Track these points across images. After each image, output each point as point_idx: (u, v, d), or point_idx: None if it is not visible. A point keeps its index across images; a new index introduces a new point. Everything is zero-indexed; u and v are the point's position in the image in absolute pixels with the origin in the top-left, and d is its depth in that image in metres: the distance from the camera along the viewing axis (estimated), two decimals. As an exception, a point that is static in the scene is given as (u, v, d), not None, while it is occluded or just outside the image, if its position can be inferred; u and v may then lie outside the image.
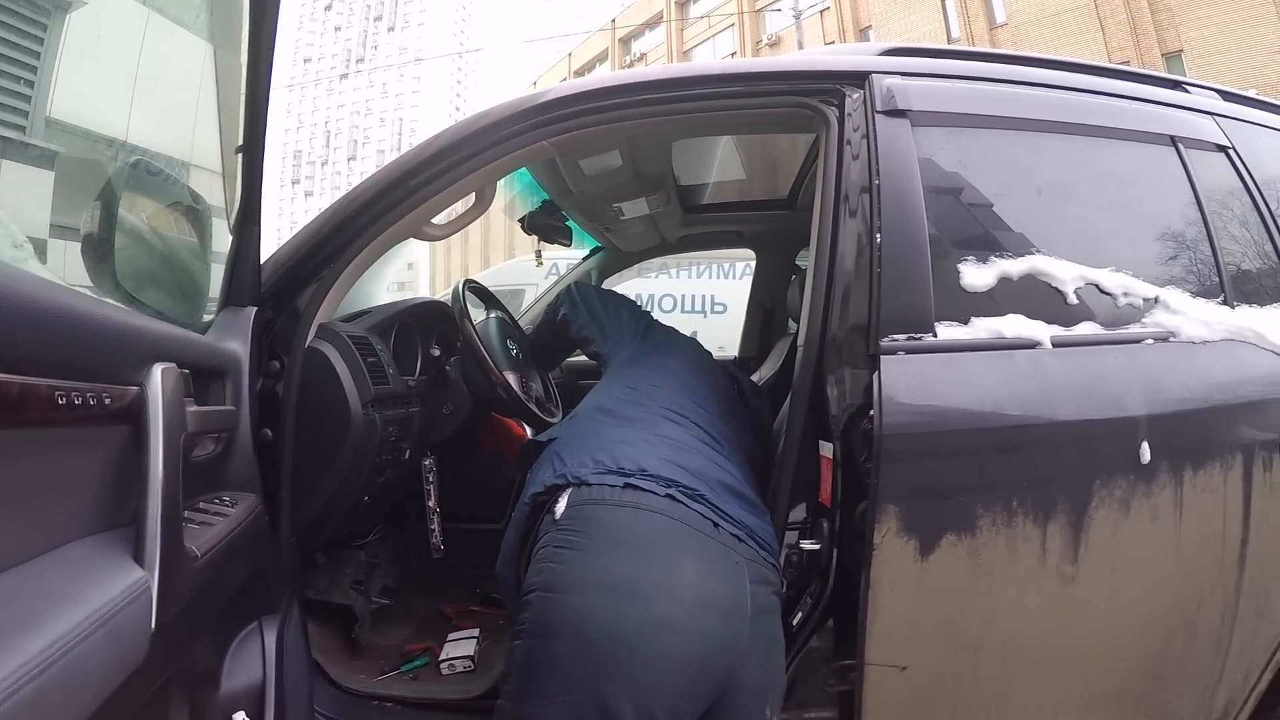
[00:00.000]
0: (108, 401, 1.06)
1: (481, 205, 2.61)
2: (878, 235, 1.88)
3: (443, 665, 2.55)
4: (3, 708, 0.74)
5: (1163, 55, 20.90)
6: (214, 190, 1.97)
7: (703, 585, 1.56)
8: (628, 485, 1.64)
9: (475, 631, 2.72)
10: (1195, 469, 1.89)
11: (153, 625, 1.08)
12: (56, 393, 0.93)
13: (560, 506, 1.64)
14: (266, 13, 1.66)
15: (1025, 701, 1.92)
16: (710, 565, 1.60)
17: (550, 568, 1.56)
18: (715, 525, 1.64)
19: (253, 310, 1.90)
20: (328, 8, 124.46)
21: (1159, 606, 1.93)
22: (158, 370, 1.19)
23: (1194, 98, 2.43)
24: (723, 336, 4.43)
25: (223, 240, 1.94)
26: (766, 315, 4.46)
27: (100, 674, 0.96)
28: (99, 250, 1.51)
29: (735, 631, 1.57)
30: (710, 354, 2.46)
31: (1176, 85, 2.50)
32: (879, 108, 2.01)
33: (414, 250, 3.27)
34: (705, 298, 8.19)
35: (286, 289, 2.09)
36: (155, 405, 1.16)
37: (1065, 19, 22.30)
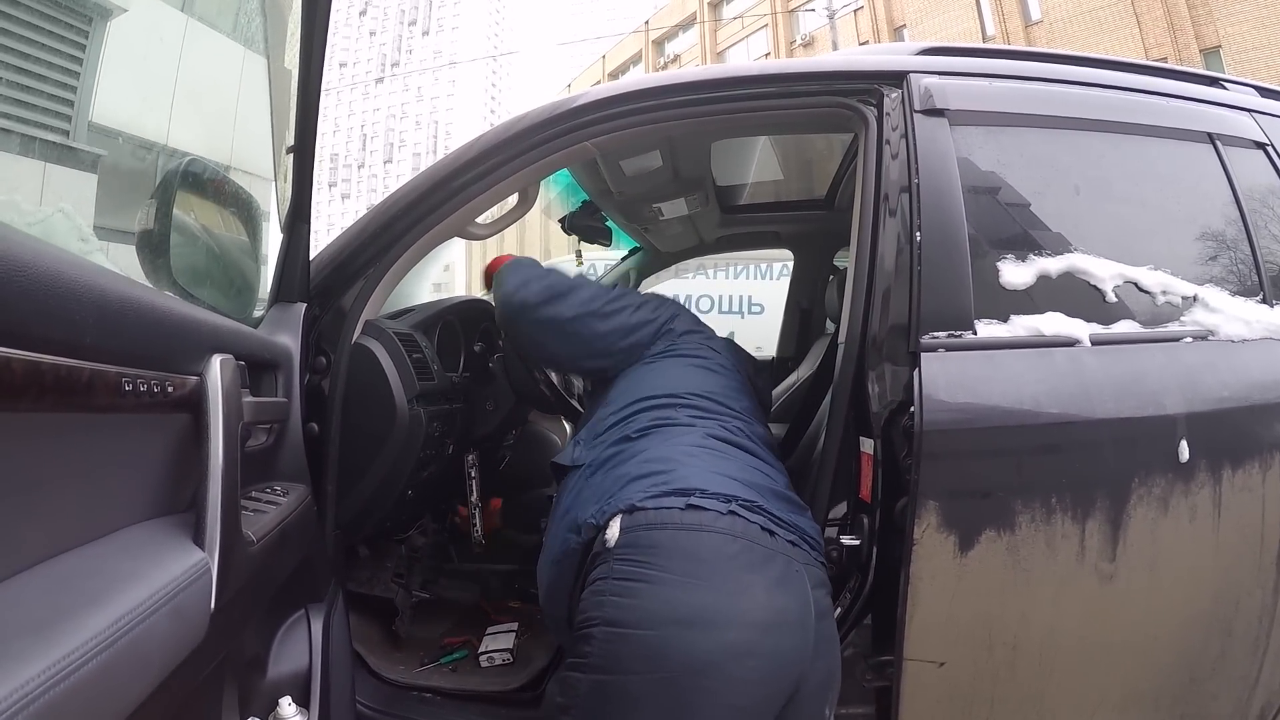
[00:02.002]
0: (170, 389, 1.08)
1: (525, 205, 2.63)
2: (918, 234, 1.88)
3: (481, 658, 2.56)
4: (72, 679, 0.76)
5: (1200, 51, 20.58)
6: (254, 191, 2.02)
7: (773, 603, 1.54)
8: (690, 506, 1.59)
9: (514, 625, 2.74)
10: (1234, 468, 1.88)
11: (212, 605, 1.10)
12: (123, 379, 0.95)
13: (613, 533, 1.60)
14: (317, 18, 1.69)
15: (1062, 700, 1.91)
16: (777, 580, 1.57)
17: (615, 601, 1.53)
18: (772, 534, 1.61)
19: (302, 306, 1.94)
20: (362, 13, 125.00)
21: (1196, 607, 1.93)
22: (216, 361, 1.22)
23: (1232, 94, 2.41)
24: (760, 337, 4.42)
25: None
26: (804, 315, 4.45)
27: (163, 650, 0.99)
28: (155, 247, 1.54)
29: (804, 641, 1.56)
30: (717, 336, 2.35)
31: (1214, 82, 2.49)
32: (917, 107, 2.02)
33: (450, 252, 3.29)
34: (742, 298, 8.11)
35: (332, 287, 2.12)
36: (215, 394, 1.18)
37: (1101, 15, 22.00)
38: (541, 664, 2.45)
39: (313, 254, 2.05)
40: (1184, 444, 1.83)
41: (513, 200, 2.58)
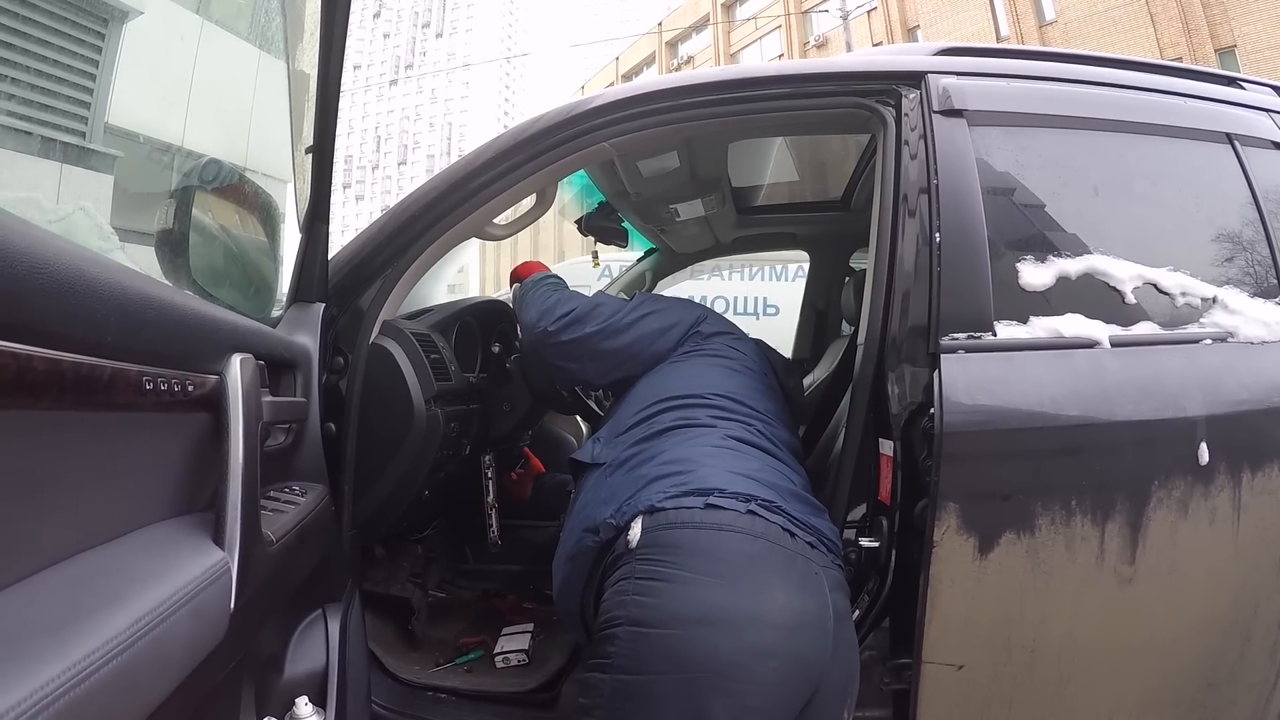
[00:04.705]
0: (190, 388, 1.09)
1: (543, 205, 2.64)
2: (937, 235, 1.88)
3: (497, 659, 2.56)
4: (92, 680, 0.76)
5: (1216, 51, 20.41)
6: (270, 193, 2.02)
7: (793, 605, 1.53)
8: (709, 506, 1.59)
9: (529, 626, 2.74)
10: (1254, 471, 1.87)
11: (232, 605, 1.10)
12: (144, 378, 0.95)
13: (634, 534, 1.61)
14: (337, 18, 1.70)
15: (1079, 704, 1.90)
16: (797, 582, 1.57)
17: (637, 600, 1.53)
18: (791, 535, 1.61)
19: (321, 306, 1.94)
20: (376, 15, 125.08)
21: (1215, 611, 1.92)
22: (236, 360, 1.22)
23: (1250, 94, 2.40)
24: (775, 338, 4.41)
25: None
26: (820, 317, 4.44)
27: (183, 651, 0.99)
28: (175, 246, 1.55)
29: (823, 644, 1.55)
30: (744, 335, 2.34)
31: (1232, 82, 2.48)
32: (936, 108, 2.02)
33: (465, 254, 3.30)
34: (758, 299, 8.12)
35: (350, 287, 2.13)
36: (235, 393, 1.19)
37: (1115, 15, 21.84)
38: (557, 665, 2.45)
39: (330, 254, 2.04)
40: (1204, 446, 1.82)
41: (530, 201, 2.58)
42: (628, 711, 1.49)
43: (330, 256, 2.04)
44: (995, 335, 1.84)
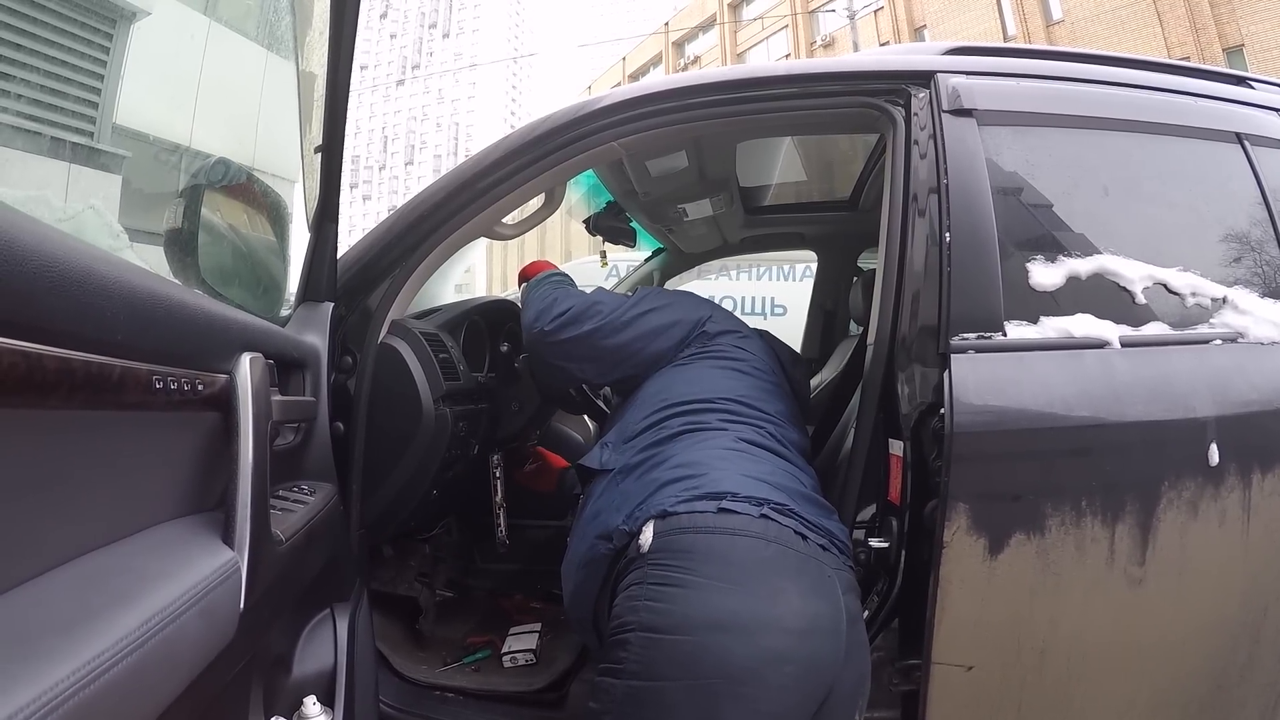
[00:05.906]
0: (200, 387, 1.08)
1: (551, 205, 2.64)
2: (947, 235, 1.87)
3: (504, 658, 2.56)
4: (102, 680, 0.75)
5: (1223, 50, 20.34)
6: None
7: (807, 609, 1.52)
8: (722, 510, 1.58)
9: (537, 626, 2.74)
10: (1264, 472, 1.86)
11: (242, 605, 1.10)
12: (154, 377, 0.95)
13: (646, 539, 1.59)
14: (346, 18, 1.69)
15: (1089, 705, 1.89)
16: (810, 585, 1.56)
17: (650, 606, 1.51)
18: (804, 538, 1.59)
19: (329, 305, 1.94)
20: (383, 16, 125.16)
21: (1225, 613, 1.91)
22: (246, 359, 1.21)
23: (1260, 94, 2.39)
24: (783, 338, 4.42)
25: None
26: (828, 317, 4.44)
27: (193, 651, 0.98)
28: (184, 246, 1.55)
29: (837, 647, 1.53)
30: (751, 332, 2.31)
31: (1241, 81, 2.47)
32: (945, 107, 2.01)
33: (472, 254, 3.30)
34: (765, 299, 8.10)
35: (359, 287, 2.13)
36: (244, 392, 1.18)
37: (1123, 15, 21.77)
38: (565, 665, 2.46)
39: (339, 254, 2.04)
40: (1214, 447, 1.81)
41: (539, 200, 2.58)
42: (640, 717, 1.48)
43: (338, 256, 2.04)
44: (1005, 335, 1.83)
